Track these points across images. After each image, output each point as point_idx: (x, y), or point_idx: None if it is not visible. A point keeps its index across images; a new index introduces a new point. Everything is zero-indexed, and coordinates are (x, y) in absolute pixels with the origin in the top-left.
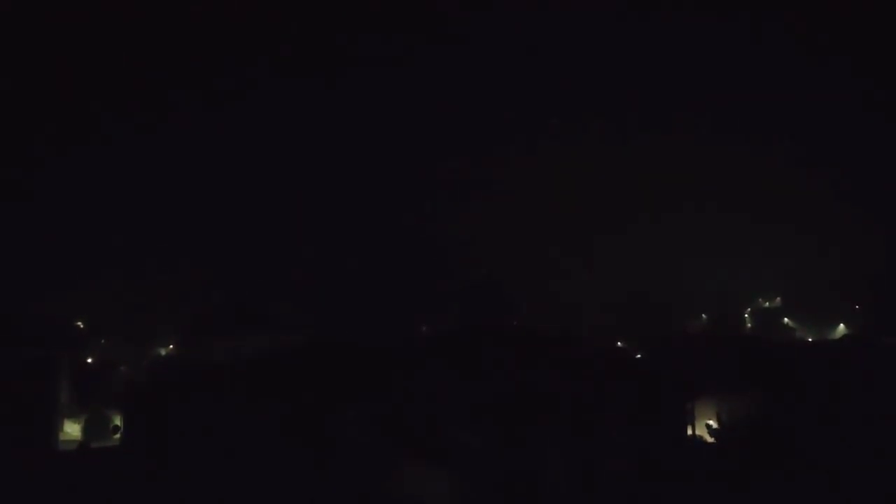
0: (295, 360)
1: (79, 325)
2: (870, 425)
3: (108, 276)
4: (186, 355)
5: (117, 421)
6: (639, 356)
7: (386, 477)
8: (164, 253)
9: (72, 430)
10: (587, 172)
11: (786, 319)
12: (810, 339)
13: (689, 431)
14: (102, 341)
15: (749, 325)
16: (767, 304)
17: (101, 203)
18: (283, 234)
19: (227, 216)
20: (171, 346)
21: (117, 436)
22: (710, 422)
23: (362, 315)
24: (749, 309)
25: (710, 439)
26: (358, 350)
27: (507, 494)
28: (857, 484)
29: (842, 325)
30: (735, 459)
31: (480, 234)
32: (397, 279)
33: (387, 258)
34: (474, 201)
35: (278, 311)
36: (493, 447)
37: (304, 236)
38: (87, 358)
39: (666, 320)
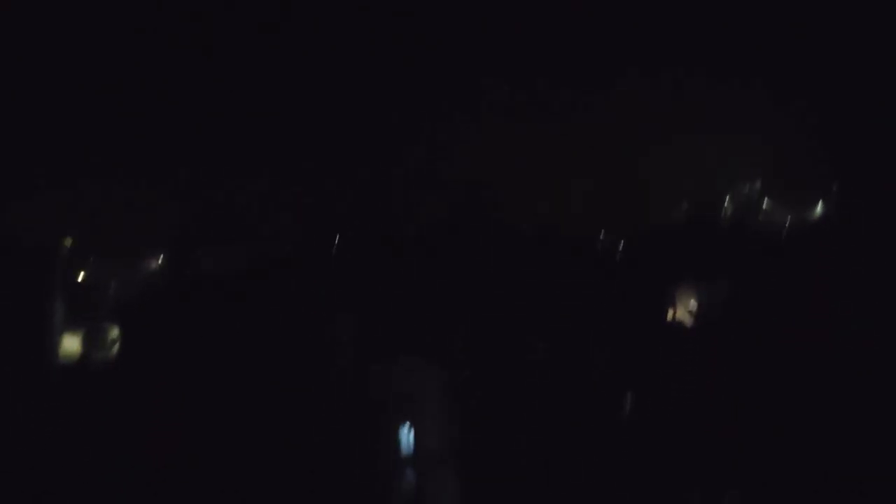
0: (287, 266)
1: (67, 243)
2: (845, 306)
3: (89, 190)
4: (177, 268)
5: (115, 335)
6: (620, 247)
7: (379, 372)
8: (144, 161)
9: (70, 344)
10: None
11: (765, 202)
12: (788, 223)
13: (671, 316)
14: (91, 259)
15: (729, 210)
16: (747, 187)
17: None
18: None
19: (206, 111)
20: (161, 259)
21: (115, 349)
22: (690, 308)
23: (344, 216)
24: (729, 194)
25: (689, 324)
26: (347, 253)
27: (496, 386)
28: (829, 361)
29: (820, 204)
30: (715, 345)
31: (459, 128)
32: (380, 176)
33: (372, 156)
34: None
35: (267, 216)
36: (483, 341)
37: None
38: (77, 276)
39: (647, 209)
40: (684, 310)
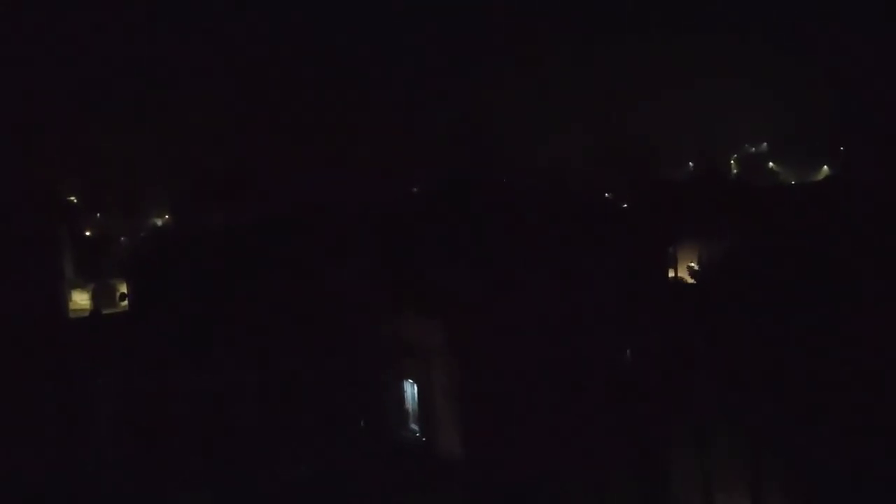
0: (287, 225)
1: (72, 200)
2: (843, 261)
3: (96, 147)
4: (182, 224)
5: (123, 289)
6: (625, 206)
7: (381, 324)
8: (153, 121)
9: (80, 299)
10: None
11: (771, 164)
12: (793, 182)
13: (672, 274)
14: (98, 215)
15: (735, 170)
16: (754, 149)
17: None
18: (270, 97)
19: (218, 78)
20: (167, 216)
21: (125, 303)
22: (692, 264)
23: (351, 175)
24: (735, 155)
25: (690, 280)
26: (350, 211)
27: (499, 336)
28: (831, 318)
29: (826, 168)
30: (713, 295)
31: (465, 92)
32: (384, 136)
33: (372, 114)
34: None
35: (268, 177)
36: (485, 294)
37: (291, 100)
38: (84, 231)
39: (653, 170)
40: (684, 264)
